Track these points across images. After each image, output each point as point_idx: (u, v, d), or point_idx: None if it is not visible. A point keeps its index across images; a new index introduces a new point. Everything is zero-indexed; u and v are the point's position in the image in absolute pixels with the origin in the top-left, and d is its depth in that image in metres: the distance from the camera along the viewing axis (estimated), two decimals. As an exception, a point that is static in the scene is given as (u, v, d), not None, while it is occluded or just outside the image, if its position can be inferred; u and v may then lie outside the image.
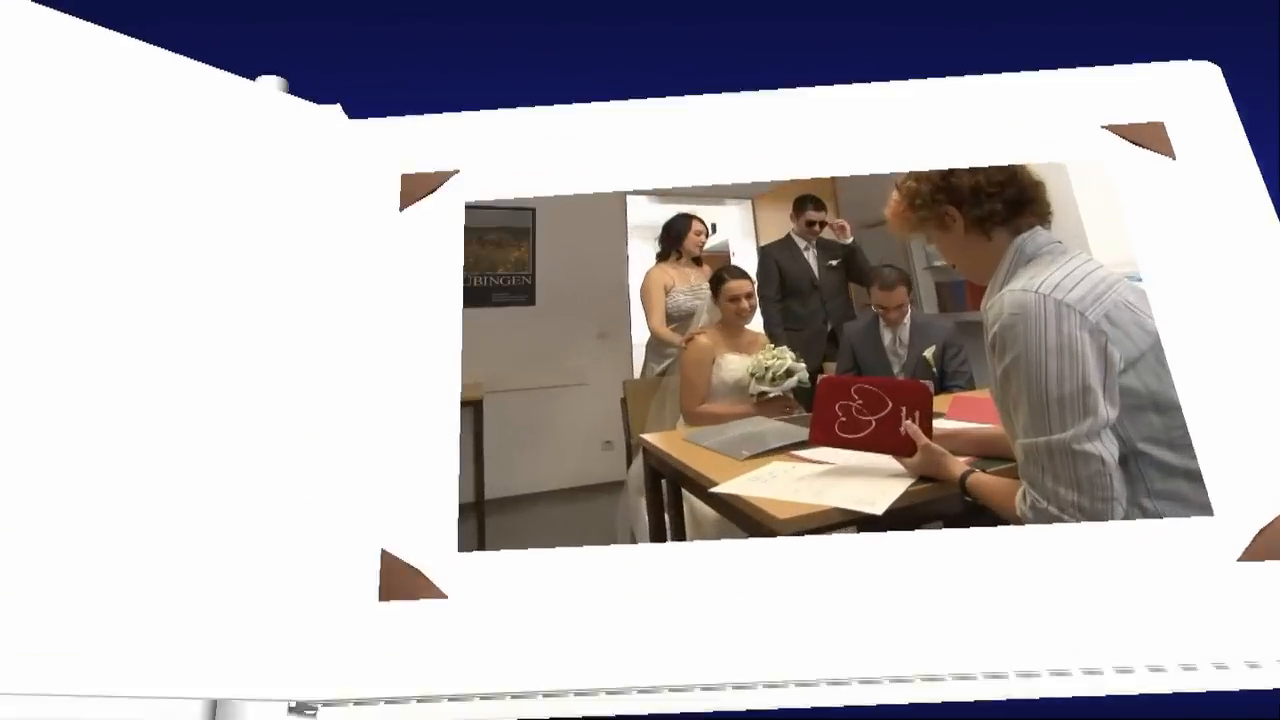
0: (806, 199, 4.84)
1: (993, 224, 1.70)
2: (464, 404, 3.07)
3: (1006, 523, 1.76)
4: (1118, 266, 1.76)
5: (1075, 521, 1.41)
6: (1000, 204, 1.71)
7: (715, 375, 3.30)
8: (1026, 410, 1.49)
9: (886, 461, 2.02)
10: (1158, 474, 1.44)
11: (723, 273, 3.62)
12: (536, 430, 5.43)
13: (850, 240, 5.00)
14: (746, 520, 1.76)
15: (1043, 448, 1.47)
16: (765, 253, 4.89)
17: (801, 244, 4.84)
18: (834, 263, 4.70)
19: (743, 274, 3.49)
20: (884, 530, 1.71)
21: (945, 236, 1.79)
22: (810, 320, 4.67)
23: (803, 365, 3.15)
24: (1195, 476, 1.40)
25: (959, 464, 1.85)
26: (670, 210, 4.92)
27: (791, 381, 3.12)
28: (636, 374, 5.25)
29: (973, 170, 1.72)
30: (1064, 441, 1.45)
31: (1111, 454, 1.44)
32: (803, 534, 1.63)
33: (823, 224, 4.76)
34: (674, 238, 4.80)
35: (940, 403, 2.00)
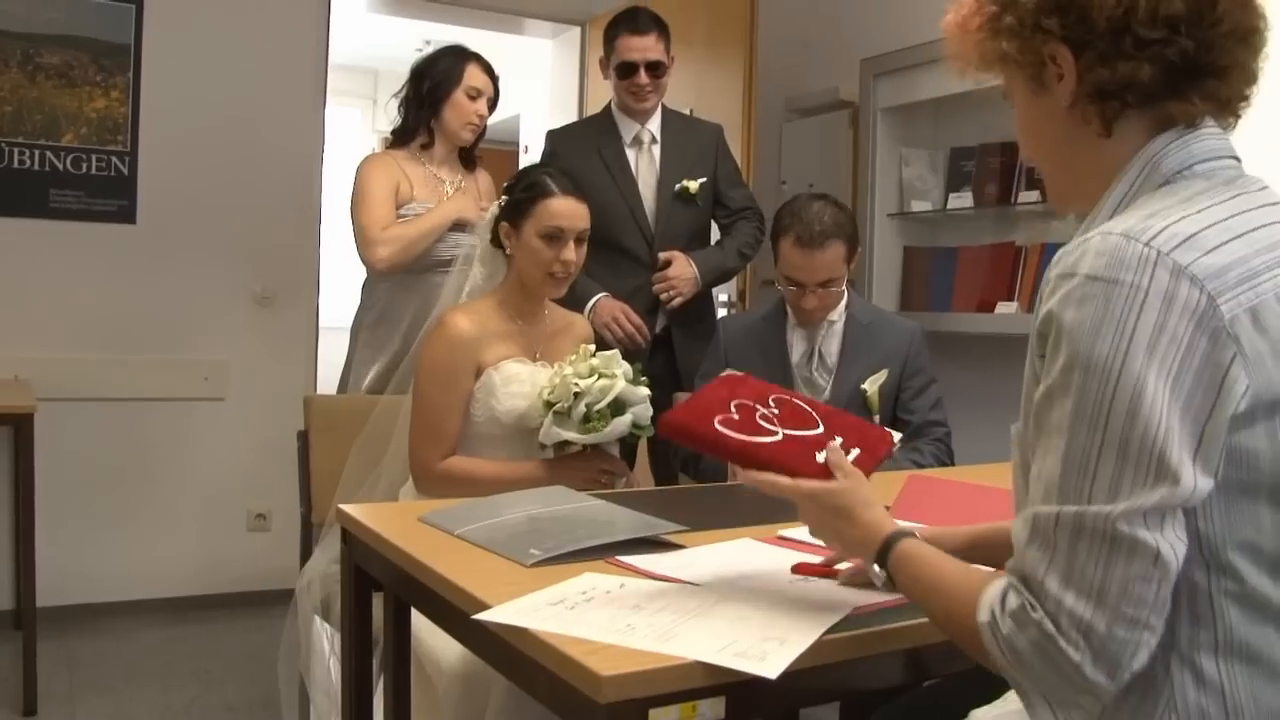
0: (625, 16, 3.02)
1: (1126, 104, 1.00)
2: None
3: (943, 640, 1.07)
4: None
5: (1076, 653, 0.89)
6: (1157, 67, 0.98)
7: (484, 399, 2.14)
8: (1060, 455, 0.91)
9: (779, 576, 1.30)
10: (1241, 615, 0.91)
11: (537, 180, 2.24)
12: (128, 483, 4.18)
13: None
14: (537, 680, 1.12)
15: (1067, 522, 0.90)
16: (554, 143, 3.04)
17: (628, 125, 3.07)
18: (692, 185, 2.93)
19: (572, 187, 2.21)
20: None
21: (1033, 102, 1.06)
22: (633, 288, 2.97)
23: (644, 391, 2.10)
24: None
25: (889, 520, 1.12)
26: (420, 36, 2.81)
27: (622, 423, 2.04)
28: (327, 383, 3.49)
29: None
30: (1104, 517, 0.88)
31: (1174, 553, 0.88)
32: (641, 709, 1.02)
33: (655, 70, 3.01)
34: (430, 99, 2.88)
35: (887, 482, 1.23)
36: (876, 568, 1.10)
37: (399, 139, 2.85)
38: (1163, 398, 0.86)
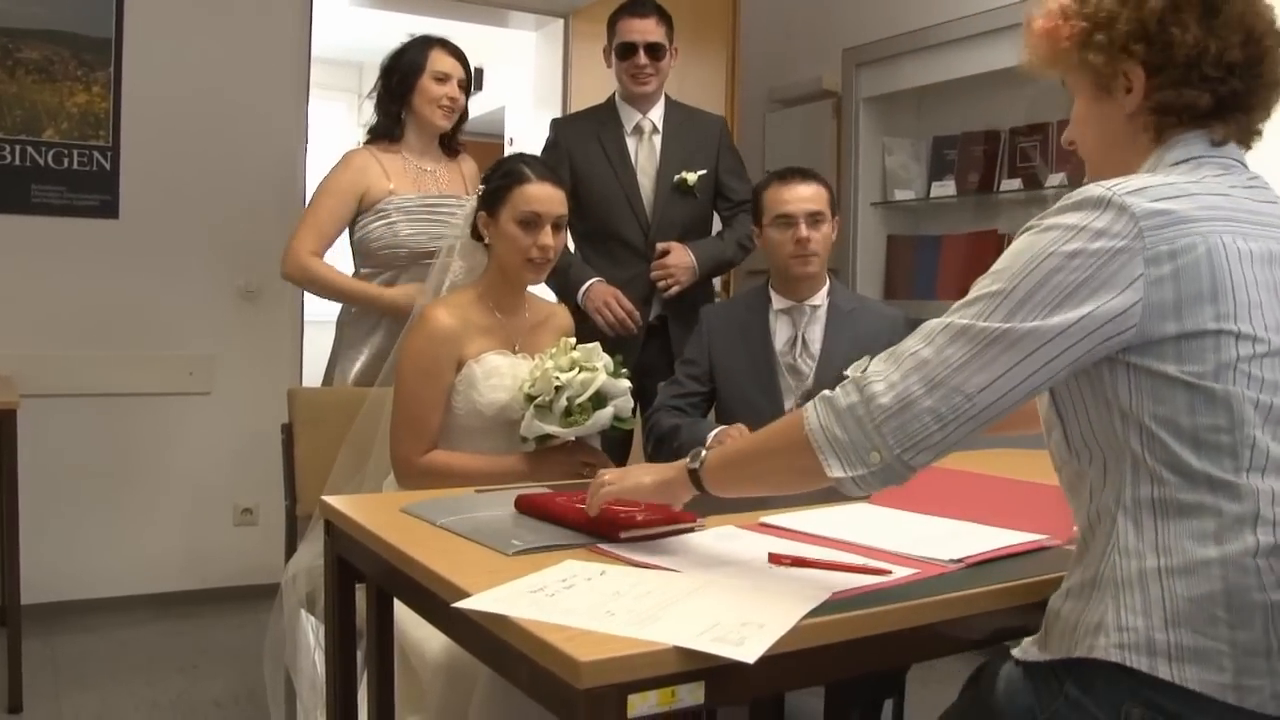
0: (628, 2, 3.05)
1: (1180, 122, 1.22)
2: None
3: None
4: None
5: (887, 406, 1.13)
6: (1213, 99, 1.20)
7: (465, 392, 2.11)
8: (977, 292, 1.16)
9: (760, 562, 1.31)
10: (1175, 479, 1.10)
11: (513, 167, 2.23)
12: (113, 478, 4.20)
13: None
14: (518, 667, 1.11)
15: (953, 327, 1.15)
16: (556, 131, 3.10)
17: (630, 114, 3.09)
18: (690, 177, 2.95)
19: (548, 173, 2.20)
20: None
21: (1094, 103, 1.27)
22: (630, 278, 2.96)
23: (625, 384, 2.11)
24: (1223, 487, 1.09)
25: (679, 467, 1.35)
26: (405, 29, 3.03)
27: (603, 416, 2.03)
28: (313, 377, 3.42)
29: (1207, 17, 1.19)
30: (988, 328, 1.13)
31: (1028, 380, 1.13)
32: (620, 694, 1.01)
33: (655, 52, 3.03)
34: (399, 91, 2.85)
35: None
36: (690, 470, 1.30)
37: (375, 136, 2.85)
38: (1074, 279, 1.10)
